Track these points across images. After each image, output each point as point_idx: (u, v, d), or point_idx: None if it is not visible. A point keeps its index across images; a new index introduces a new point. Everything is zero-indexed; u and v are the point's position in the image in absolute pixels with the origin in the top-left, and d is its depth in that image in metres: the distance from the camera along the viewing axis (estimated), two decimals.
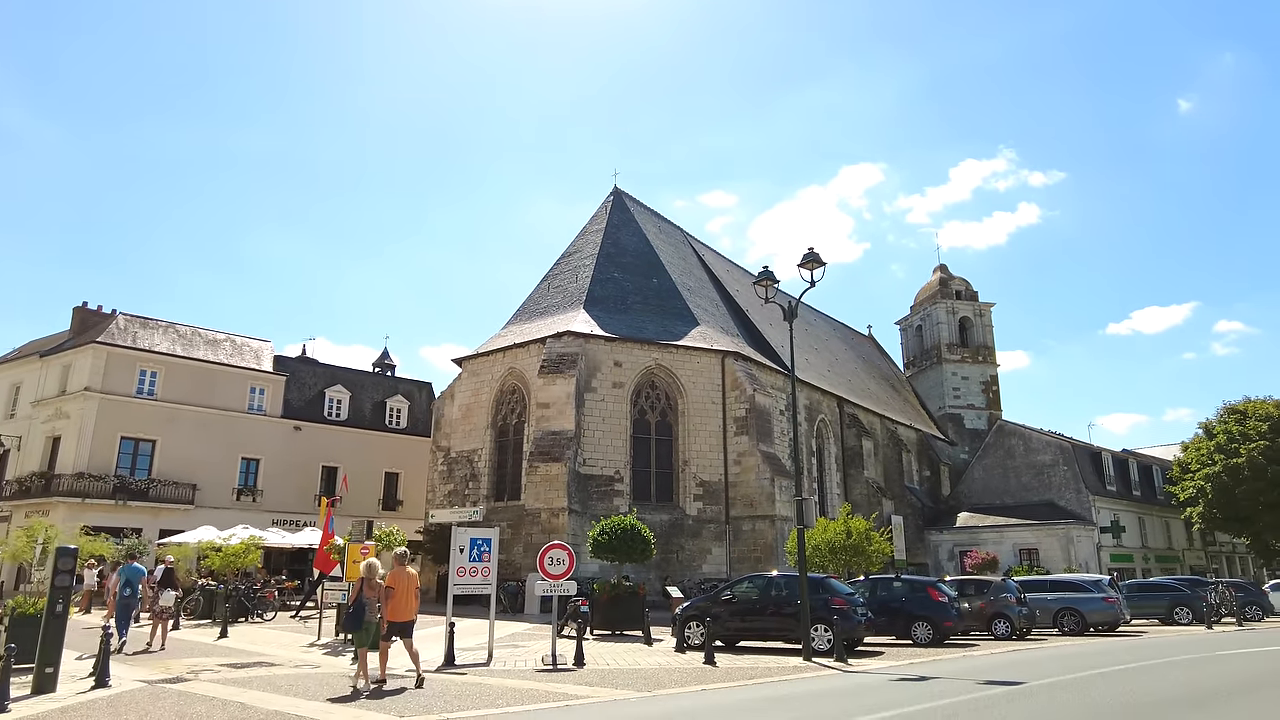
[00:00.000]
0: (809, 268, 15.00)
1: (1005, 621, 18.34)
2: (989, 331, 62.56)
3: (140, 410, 33.06)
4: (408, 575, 11.11)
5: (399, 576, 10.95)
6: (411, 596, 10.95)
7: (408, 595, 10.88)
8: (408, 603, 10.86)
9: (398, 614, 10.74)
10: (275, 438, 36.61)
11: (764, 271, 15.75)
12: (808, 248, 15.04)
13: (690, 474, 32.65)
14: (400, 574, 11.02)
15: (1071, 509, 43.67)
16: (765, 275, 15.69)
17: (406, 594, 10.88)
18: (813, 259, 14.94)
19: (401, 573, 11.05)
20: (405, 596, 10.85)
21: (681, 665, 13.04)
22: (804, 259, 15.04)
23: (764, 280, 15.68)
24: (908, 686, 10.53)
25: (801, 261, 15.06)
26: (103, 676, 10.51)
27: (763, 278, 15.71)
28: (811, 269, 14.97)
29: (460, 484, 33.90)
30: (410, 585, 11.04)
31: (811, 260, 14.95)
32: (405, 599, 10.84)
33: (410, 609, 10.91)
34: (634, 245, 39.30)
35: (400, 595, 10.79)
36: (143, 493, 32.18)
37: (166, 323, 36.24)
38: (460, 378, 35.93)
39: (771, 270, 15.68)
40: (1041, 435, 46.96)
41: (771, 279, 15.64)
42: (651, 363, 33.23)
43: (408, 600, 10.87)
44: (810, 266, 14.97)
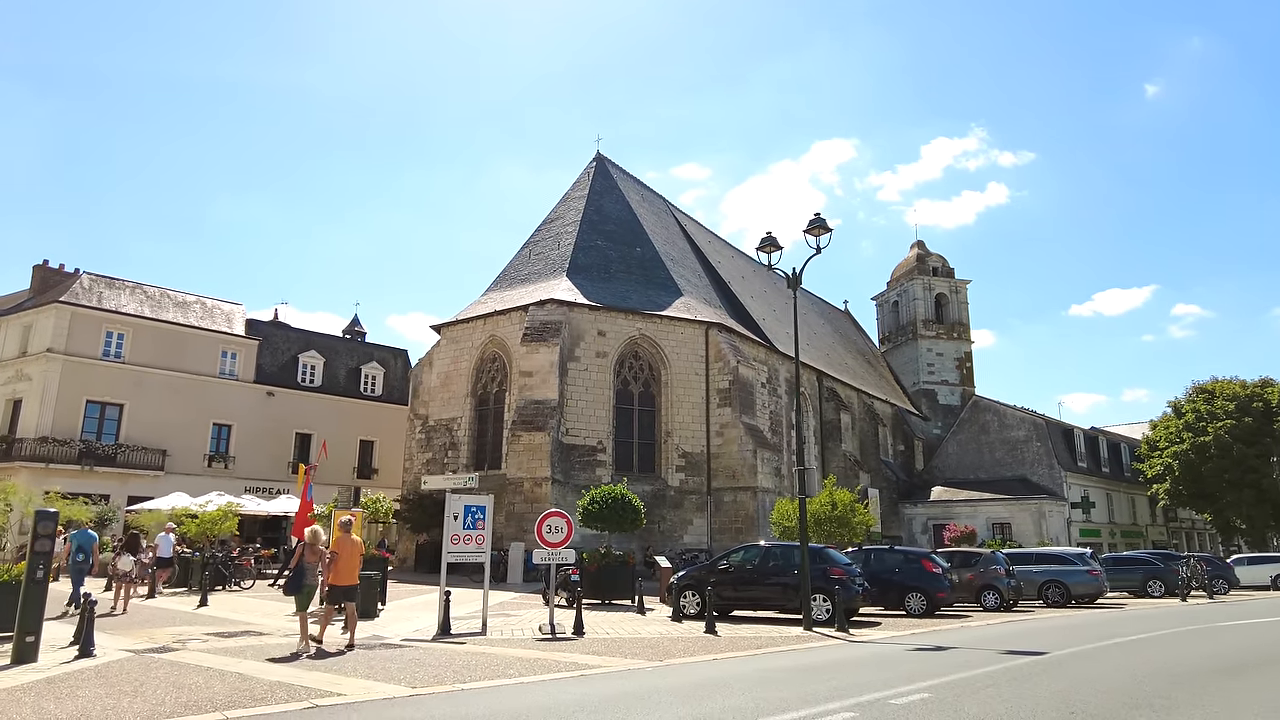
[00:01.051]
0: (815, 234, 14.68)
1: (994, 593, 18.46)
2: (964, 308, 63.06)
3: (107, 373, 31.98)
4: (352, 542, 11.40)
5: (344, 543, 11.26)
6: (355, 562, 11.30)
7: (351, 561, 11.20)
8: (351, 568, 11.19)
9: (341, 578, 11.02)
10: (247, 403, 35.72)
11: (767, 237, 15.39)
12: (814, 213, 14.73)
13: (673, 445, 32.47)
14: (345, 540, 11.33)
15: (1044, 484, 44.37)
16: (768, 241, 15.34)
17: (350, 560, 11.20)
18: (819, 224, 14.63)
19: (346, 539, 11.37)
20: (349, 562, 11.16)
21: (683, 635, 12.85)
22: (810, 224, 14.72)
23: (767, 246, 15.33)
24: (930, 657, 10.41)
25: (808, 227, 14.73)
26: (87, 646, 10.03)
27: (766, 243, 15.36)
28: (818, 235, 14.66)
29: (439, 453, 33.38)
30: (355, 552, 11.37)
31: (818, 226, 14.63)
32: (349, 565, 11.15)
33: (354, 574, 11.27)
34: (617, 213, 38.71)
35: (345, 561, 11.07)
36: (110, 458, 31.23)
37: (134, 283, 35.01)
38: (439, 345, 35.26)
39: (775, 236, 15.33)
40: (1016, 411, 47.53)
41: (775, 245, 15.30)
42: (635, 333, 32.86)
43: (351, 566, 11.20)
44: (817, 232, 14.66)
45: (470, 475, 14.89)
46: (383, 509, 19.23)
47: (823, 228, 14.59)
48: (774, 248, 15.30)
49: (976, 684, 7.98)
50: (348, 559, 11.16)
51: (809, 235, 14.74)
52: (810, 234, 14.71)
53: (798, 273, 15.10)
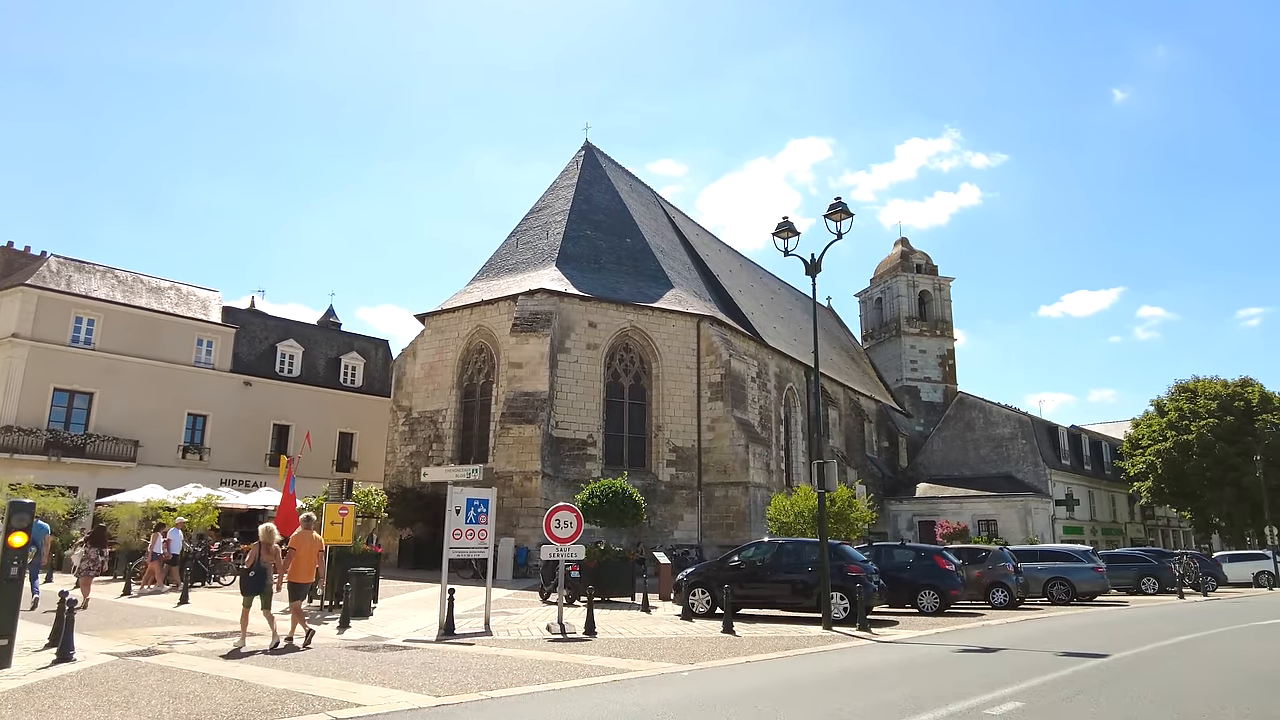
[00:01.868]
0: (836, 218, 14.14)
1: (1003, 590, 18.10)
2: (947, 306, 63.14)
3: (76, 360, 30.67)
4: (312, 539, 11.31)
5: (302, 539, 11.17)
6: (313, 559, 11.21)
7: (310, 558, 11.12)
8: (309, 565, 11.10)
9: (298, 575, 10.97)
10: (224, 393, 34.53)
11: (784, 222, 14.80)
12: (835, 198, 14.17)
13: (663, 439, 31.87)
14: (304, 536, 11.24)
15: (1029, 481, 44.44)
16: (785, 226, 14.75)
17: (309, 556, 11.11)
18: (840, 209, 14.08)
19: (306, 535, 11.28)
20: (307, 559, 11.08)
21: (700, 634, 12.25)
22: (831, 209, 14.17)
23: (784, 231, 14.74)
24: (986, 660, 9.84)
25: (829, 211, 14.18)
26: (66, 649, 9.20)
27: (782, 229, 14.77)
28: (839, 219, 14.11)
29: (423, 445, 32.49)
30: (313, 549, 11.25)
31: (839, 210, 14.08)
32: (307, 561, 11.07)
33: (311, 571, 11.17)
34: (607, 203, 37.99)
35: (302, 557, 11.00)
36: (79, 448, 29.97)
37: (105, 267, 33.66)
38: (423, 335, 34.34)
39: (791, 222, 14.75)
40: (1001, 409, 47.59)
41: (792, 231, 14.72)
42: (626, 324, 32.19)
43: (309, 563, 11.11)
44: (838, 217, 14.11)
45: (474, 467, 14.20)
46: (375, 503, 18.43)
47: (844, 212, 14.05)
48: (790, 233, 14.74)
49: (1060, 690, 7.46)
50: (306, 555, 11.06)
51: (830, 220, 14.20)
52: (831, 218, 14.17)
53: (817, 259, 14.53)
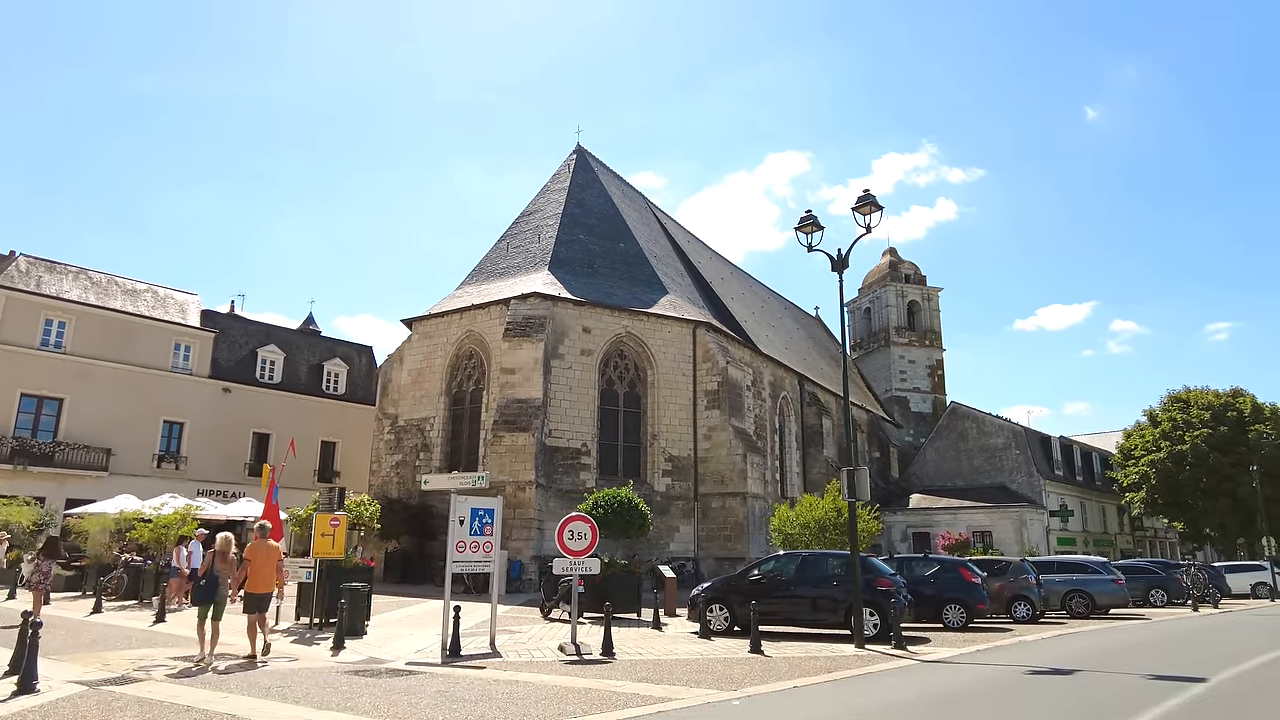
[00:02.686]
0: (864, 211, 13.37)
1: (1026, 603, 17.35)
2: (936, 316, 62.89)
3: (45, 364, 29.24)
4: (268, 548, 11.04)
5: (258, 549, 10.91)
6: (271, 570, 10.95)
7: (267, 568, 10.86)
8: (267, 576, 10.84)
9: (255, 586, 10.66)
10: (201, 400, 33.16)
11: (808, 216, 14.01)
12: (863, 190, 13.42)
13: (659, 448, 30.96)
14: (260, 547, 10.96)
15: (1023, 492, 43.95)
16: (809, 220, 13.96)
17: (266, 567, 10.85)
18: (869, 201, 13.32)
19: (262, 545, 10.99)
20: (264, 569, 10.81)
21: (726, 655, 11.35)
22: (859, 201, 13.40)
23: (807, 225, 13.96)
24: (1068, 684, 8.93)
25: (856, 204, 13.42)
26: (28, 678, 8.13)
27: (806, 223, 13.97)
28: (868, 213, 13.35)
29: (409, 454, 31.37)
30: (270, 558, 10.99)
31: (868, 203, 13.32)
32: (264, 572, 10.80)
33: (268, 582, 10.88)
34: (599, 207, 37.20)
35: (258, 568, 10.74)
36: (47, 457, 28.51)
37: (77, 268, 32.26)
38: (410, 340, 33.24)
39: (816, 216, 13.98)
40: (994, 419, 47.18)
41: (816, 225, 13.94)
42: (621, 330, 31.32)
43: (267, 573, 10.85)
44: (866, 210, 13.34)
45: (480, 474, 13.18)
46: (367, 513, 17.37)
47: (873, 205, 13.28)
48: (815, 228, 13.94)
49: None
50: (263, 565, 10.80)
51: (857, 213, 13.43)
52: (859, 211, 13.40)
53: (844, 255, 13.75)
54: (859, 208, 13.38)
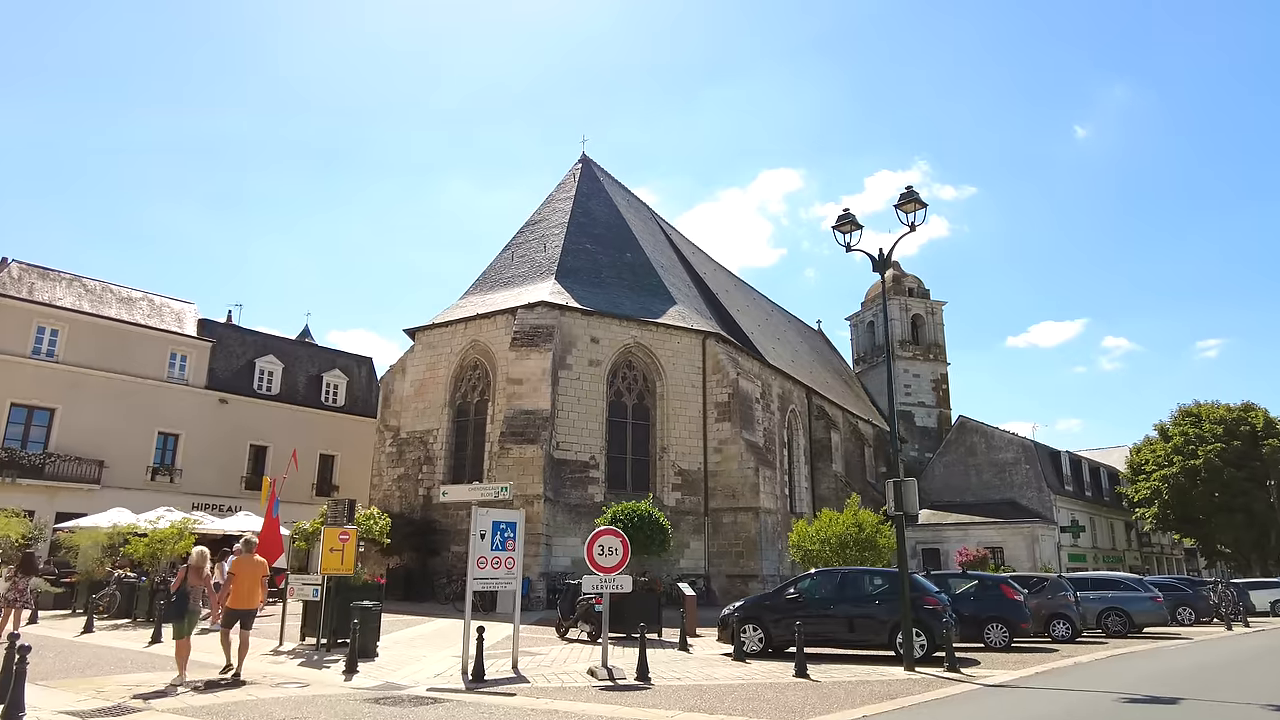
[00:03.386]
0: (908, 209, 12.70)
1: (1065, 622, 16.57)
2: (940, 329, 62.36)
3: (36, 373, 28.33)
4: (254, 563, 10.81)
5: (243, 564, 10.69)
6: (256, 585, 10.68)
7: (252, 583, 10.61)
8: (251, 591, 10.58)
9: (239, 601, 10.40)
10: (198, 411, 32.25)
11: (845, 215, 13.33)
12: (905, 186, 12.77)
13: (669, 462, 30.15)
14: (246, 561, 10.75)
15: (1033, 508, 43.26)
16: (846, 219, 13.28)
17: (251, 582, 10.59)
18: (911, 198, 12.65)
19: (247, 559, 10.78)
20: (249, 584, 10.56)
21: (771, 679, 10.54)
22: (902, 198, 12.73)
23: (845, 224, 13.28)
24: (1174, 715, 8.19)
25: (899, 201, 12.76)
26: (15, 709, 7.30)
27: (844, 221, 13.29)
28: (911, 210, 12.68)
29: (412, 468, 30.50)
30: (255, 573, 10.73)
31: (911, 200, 12.66)
32: (249, 587, 10.54)
33: (254, 597, 10.61)
34: (605, 216, 36.60)
35: (243, 582, 10.49)
36: (37, 469, 27.55)
37: (71, 275, 31.41)
38: (413, 350, 32.44)
39: (853, 214, 13.31)
40: (1004, 433, 46.55)
41: (855, 224, 13.26)
42: (630, 340, 30.58)
43: (252, 588, 10.58)
44: (910, 208, 12.67)
45: (502, 486, 12.35)
46: (377, 528, 16.54)
47: (916, 202, 12.61)
48: (854, 226, 13.26)
49: None
50: (247, 580, 10.52)
51: (900, 210, 12.76)
52: (902, 209, 12.73)
53: (886, 254, 13.05)
54: (902, 206, 12.71)
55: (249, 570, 10.63)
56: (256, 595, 10.66)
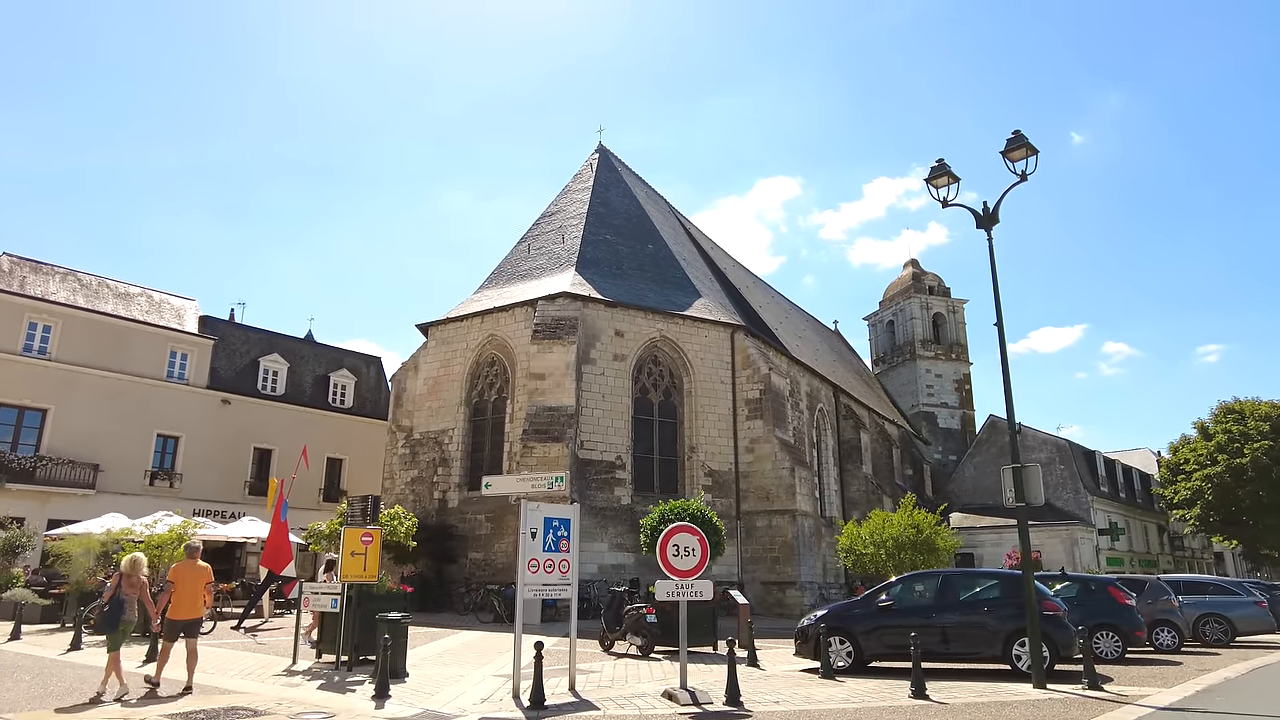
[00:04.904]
0: (1016, 156, 11.01)
1: (1171, 630, 14.80)
2: (962, 328, 60.67)
3: (27, 372, 26.65)
4: (197, 569, 10.13)
5: (183, 570, 10.05)
6: (198, 593, 10.00)
7: (194, 591, 9.93)
8: (193, 600, 9.91)
9: (179, 611, 9.77)
10: (198, 413, 30.53)
11: (939, 166, 11.65)
12: (1014, 131, 11.10)
13: (698, 462, 28.40)
14: (187, 567, 10.09)
15: (1070, 510, 41.54)
16: (941, 171, 11.60)
17: (192, 590, 9.92)
18: (1021, 144, 10.98)
19: (189, 566, 10.11)
20: (190, 592, 9.88)
21: (886, 702, 8.81)
22: (1009, 145, 11.06)
23: (940, 177, 11.61)
24: None
25: (1006, 148, 11.08)
26: None
27: (938, 174, 11.61)
28: (1021, 158, 11.00)
29: (426, 469, 28.76)
30: (198, 580, 10.06)
31: (1020, 146, 10.98)
32: (190, 595, 9.88)
33: (195, 606, 9.92)
34: (625, 207, 34.99)
35: (183, 590, 9.83)
36: (28, 473, 25.83)
37: (65, 269, 29.75)
38: (425, 347, 30.75)
39: (948, 165, 11.62)
40: (1037, 433, 44.82)
41: (951, 176, 11.59)
42: (656, 334, 28.90)
43: (194, 597, 9.92)
44: (1019, 154, 10.99)
45: (556, 475, 10.51)
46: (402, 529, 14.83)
47: (1027, 149, 10.93)
48: (950, 179, 11.58)
49: None
50: (188, 587, 9.86)
51: (1008, 158, 11.08)
52: (1010, 156, 11.05)
53: (991, 209, 11.36)
54: (1009, 153, 11.03)
55: (190, 577, 9.95)
56: (199, 604, 9.97)
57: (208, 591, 10.26)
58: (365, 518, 12.29)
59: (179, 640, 9.78)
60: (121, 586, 9.63)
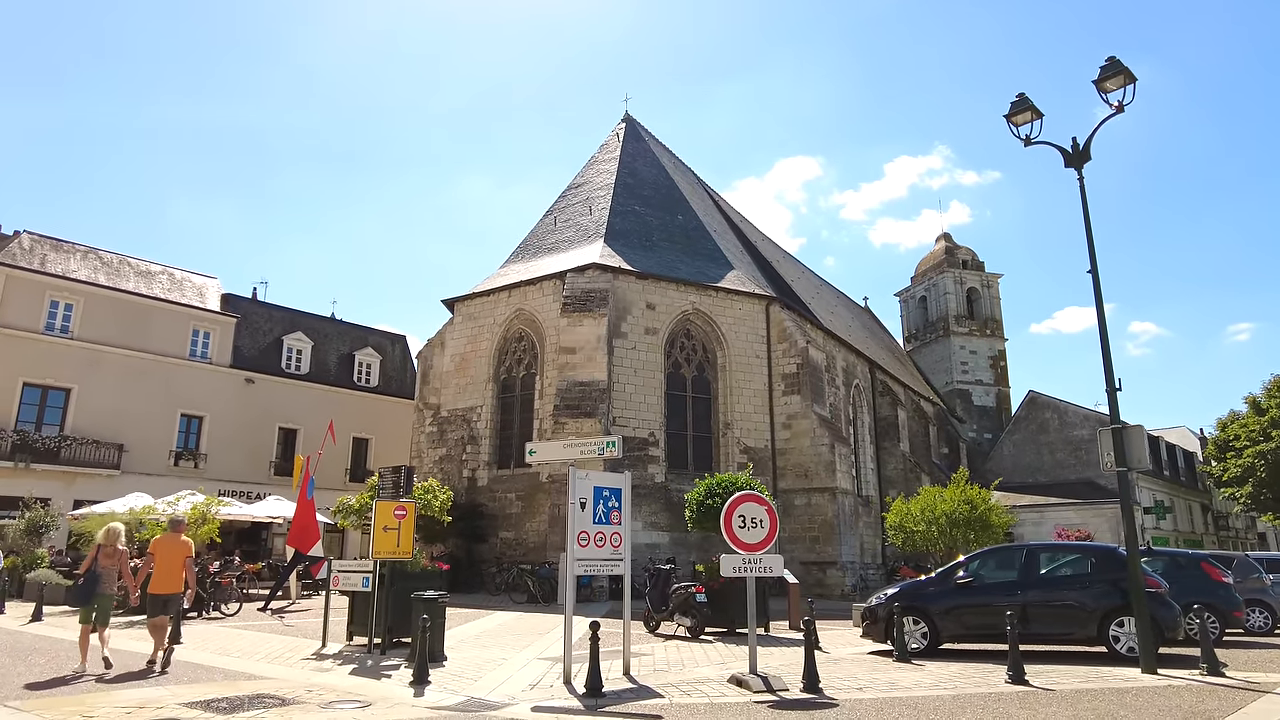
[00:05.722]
0: (1113, 86, 9.86)
1: (1265, 611, 13.70)
2: (997, 304, 59.03)
3: (51, 351, 26.19)
4: (178, 543, 9.77)
5: (163, 543, 9.75)
6: (178, 567, 9.60)
7: (173, 565, 9.57)
8: (172, 574, 9.54)
9: (161, 585, 9.46)
10: (222, 392, 30.01)
11: (1020, 100, 10.52)
12: (1108, 58, 9.94)
13: (732, 438, 27.45)
14: (167, 540, 9.79)
15: (1113, 488, 39.81)
16: (1023, 106, 10.47)
17: (171, 563, 9.57)
18: (1116, 69, 9.83)
19: (171, 539, 9.79)
20: (168, 566, 9.54)
21: (981, 688, 7.85)
22: (1103, 72, 9.91)
23: (1022, 112, 10.48)
24: None
25: (1099, 76, 9.92)
26: None
27: (1019, 109, 10.49)
28: (1118, 87, 9.85)
29: (454, 448, 28.04)
30: (178, 554, 9.66)
31: (1116, 73, 9.83)
32: (170, 569, 9.54)
33: (175, 581, 9.56)
34: (653, 177, 33.93)
35: (163, 564, 9.54)
36: (52, 453, 25.42)
37: (86, 247, 29.24)
38: (452, 323, 30.00)
39: (1030, 99, 10.49)
40: (1079, 409, 43.34)
41: (1035, 112, 10.46)
42: (688, 306, 27.92)
43: (172, 571, 9.55)
44: (1117, 83, 9.83)
45: (608, 439, 9.56)
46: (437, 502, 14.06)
47: (1125, 75, 9.78)
48: (1034, 114, 10.45)
49: None
50: (166, 561, 9.53)
51: (1102, 89, 9.93)
52: (1104, 88, 9.90)
53: (1081, 146, 10.24)
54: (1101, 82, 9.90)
55: (169, 550, 9.61)
56: (178, 578, 9.55)
57: (187, 567, 9.71)
58: (398, 490, 11.45)
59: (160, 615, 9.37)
60: (98, 559, 9.24)
